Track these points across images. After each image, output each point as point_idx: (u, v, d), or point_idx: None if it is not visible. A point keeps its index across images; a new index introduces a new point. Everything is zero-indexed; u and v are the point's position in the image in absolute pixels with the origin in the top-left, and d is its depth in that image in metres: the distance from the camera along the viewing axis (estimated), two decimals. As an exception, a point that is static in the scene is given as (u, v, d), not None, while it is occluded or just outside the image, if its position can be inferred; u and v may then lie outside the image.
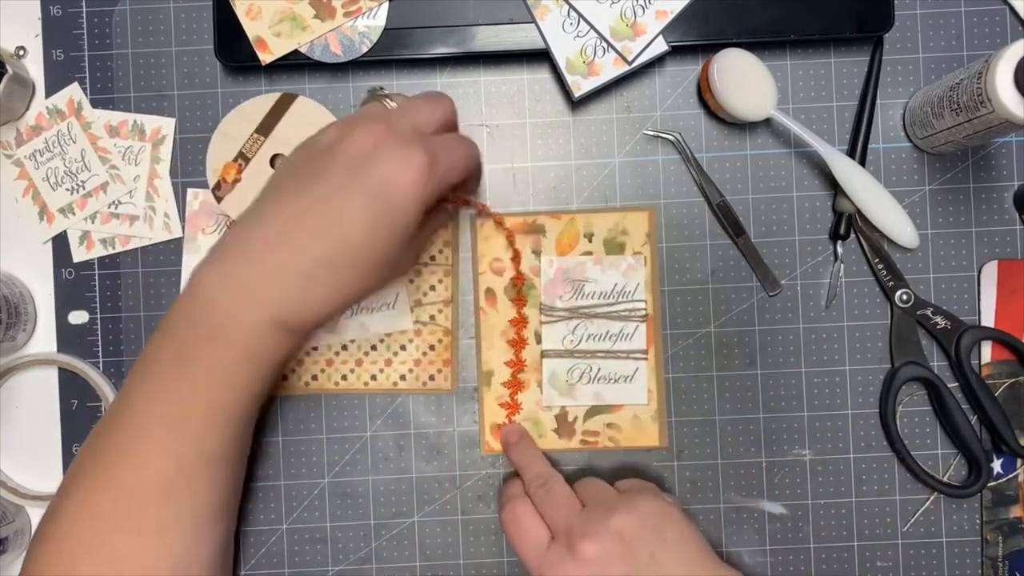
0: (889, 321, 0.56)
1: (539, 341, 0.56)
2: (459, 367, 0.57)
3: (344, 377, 0.57)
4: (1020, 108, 0.46)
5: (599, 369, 0.56)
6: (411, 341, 0.57)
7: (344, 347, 0.57)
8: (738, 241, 0.56)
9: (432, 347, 0.57)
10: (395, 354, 0.57)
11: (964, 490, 0.55)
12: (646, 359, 0.56)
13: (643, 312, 0.56)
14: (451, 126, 0.48)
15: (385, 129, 0.43)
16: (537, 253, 0.56)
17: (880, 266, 0.56)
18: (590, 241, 0.56)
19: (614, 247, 0.56)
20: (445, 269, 0.57)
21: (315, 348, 0.57)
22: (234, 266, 0.43)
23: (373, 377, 0.57)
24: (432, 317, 0.56)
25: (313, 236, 0.42)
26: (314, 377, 0.57)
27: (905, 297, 0.56)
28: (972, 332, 0.55)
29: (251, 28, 0.54)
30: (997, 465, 0.56)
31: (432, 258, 0.57)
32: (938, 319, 0.56)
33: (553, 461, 0.54)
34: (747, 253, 0.56)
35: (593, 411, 0.56)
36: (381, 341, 0.57)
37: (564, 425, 0.56)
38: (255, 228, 0.43)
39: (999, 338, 0.56)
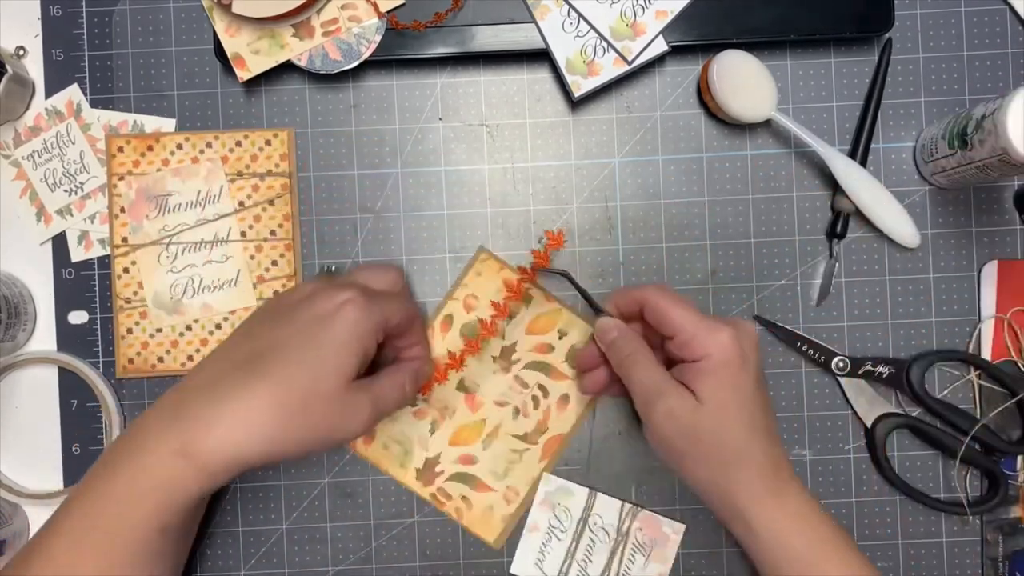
0: (839, 389, 0.56)
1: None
2: None
3: (190, 357, 0.56)
4: None
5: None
6: None
7: (188, 327, 0.56)
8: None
9: None
10: None
11: (987, 503, 0.55)
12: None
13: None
14: (403, 293, 0.52)
15: (350, 292, 0.46)
16: None
17: (804, 347, 0.56)
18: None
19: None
20: (287, 243, 0.56)
21: (159, 331, 0.56)
22: (171, 394, 0.45)
23: None
24: (276, 292, 0.56)
25: (250, 374, 0.43)
26: (160, 359, 0.56)
27: (842, 364, 0.55)
28: (916, 366, 0.55)
29: (230, 45, 0.54)
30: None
31: (272, 233, 0.56)
32: (880, 368, 0.55)
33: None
34: None
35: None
36: (225, 319, 0.56)
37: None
38: (209, 364, 0.45)
39: (944, 358, 0.55)
